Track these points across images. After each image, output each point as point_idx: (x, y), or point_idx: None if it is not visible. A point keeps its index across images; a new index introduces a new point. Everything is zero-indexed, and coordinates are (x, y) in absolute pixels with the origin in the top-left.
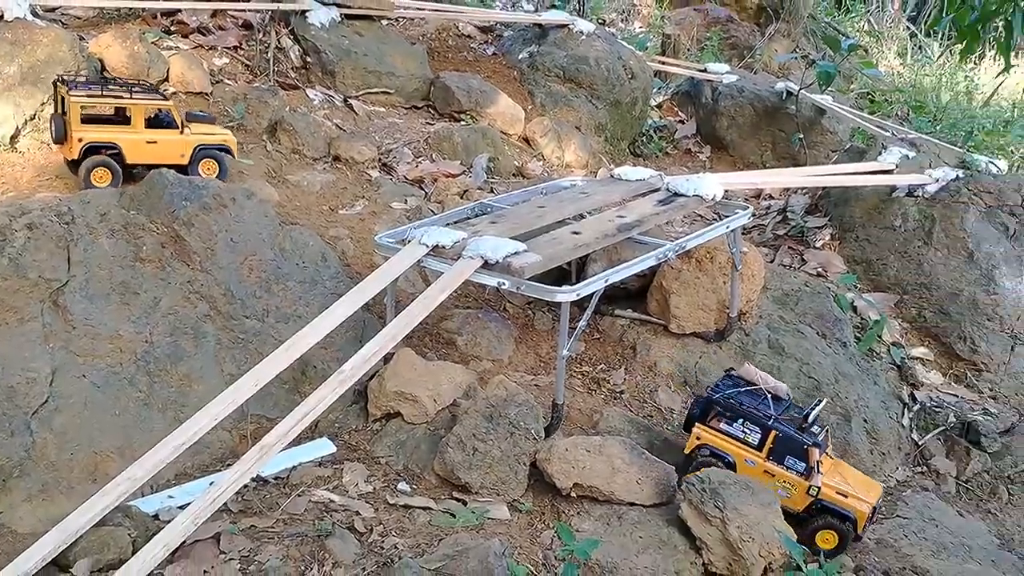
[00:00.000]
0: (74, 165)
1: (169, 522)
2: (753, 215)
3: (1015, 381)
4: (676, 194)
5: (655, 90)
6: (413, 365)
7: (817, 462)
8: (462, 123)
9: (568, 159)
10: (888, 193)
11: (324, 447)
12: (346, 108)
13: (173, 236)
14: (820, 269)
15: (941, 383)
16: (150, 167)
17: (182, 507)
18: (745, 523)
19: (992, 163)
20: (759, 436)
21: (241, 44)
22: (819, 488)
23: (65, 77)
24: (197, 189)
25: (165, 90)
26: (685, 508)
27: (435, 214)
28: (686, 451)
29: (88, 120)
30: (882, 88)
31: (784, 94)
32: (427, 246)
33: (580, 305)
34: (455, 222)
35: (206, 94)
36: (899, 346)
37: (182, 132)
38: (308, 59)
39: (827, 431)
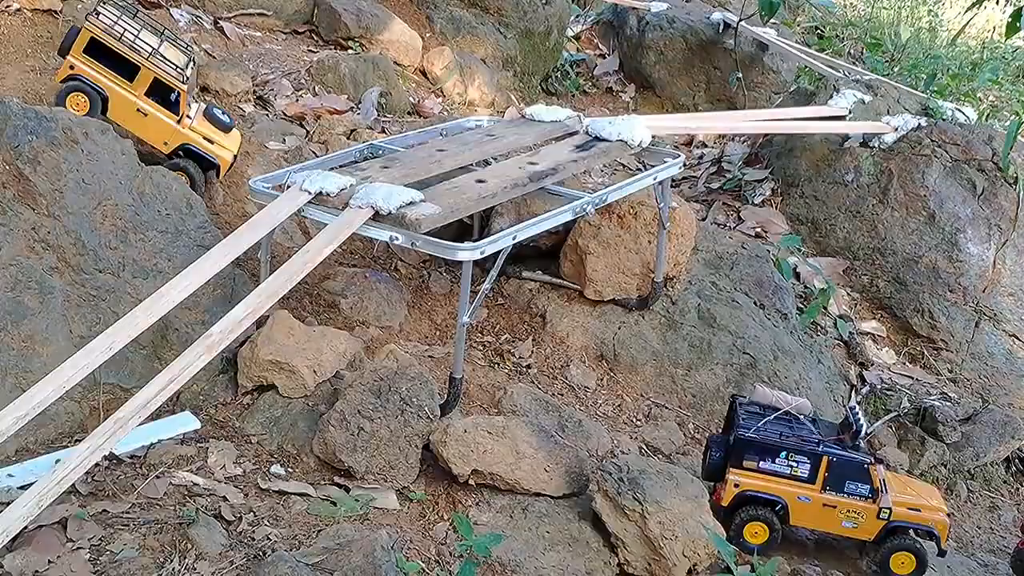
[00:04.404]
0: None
1: (8, 504)
2: (684, 165)
3: (978, 362)
4: (596, 138)
5: (572, 18)
6: (290, 330)
7: (883, 480)
8: (350, 52)
9: (472, 96)
10: (839, 143)
11: (187, 422)
12: (216, 31)
13: (16, 175)
14: (759, 229)
15: (894, 362)
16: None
17: (23, 487)
18: (668, 518)
19: (959, 110)
20: (809, 467)
21: None
22: (891, 509)
23: None
24: (44, 121)
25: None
26: (599, 500)
27: (318, 156)
28: (724, 503)
29: (92, 51)
30: (833, 22)
31: (720, 26)
32: (309, 193)
33: (483, 265)
34: (341, 166)
35: (55, 12)
36: (847, 319)
37: (179, 121)
38: None
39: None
